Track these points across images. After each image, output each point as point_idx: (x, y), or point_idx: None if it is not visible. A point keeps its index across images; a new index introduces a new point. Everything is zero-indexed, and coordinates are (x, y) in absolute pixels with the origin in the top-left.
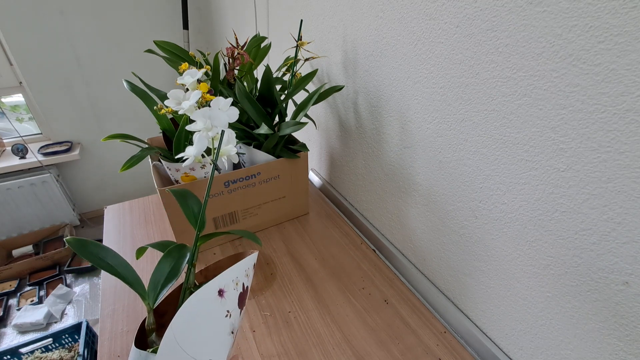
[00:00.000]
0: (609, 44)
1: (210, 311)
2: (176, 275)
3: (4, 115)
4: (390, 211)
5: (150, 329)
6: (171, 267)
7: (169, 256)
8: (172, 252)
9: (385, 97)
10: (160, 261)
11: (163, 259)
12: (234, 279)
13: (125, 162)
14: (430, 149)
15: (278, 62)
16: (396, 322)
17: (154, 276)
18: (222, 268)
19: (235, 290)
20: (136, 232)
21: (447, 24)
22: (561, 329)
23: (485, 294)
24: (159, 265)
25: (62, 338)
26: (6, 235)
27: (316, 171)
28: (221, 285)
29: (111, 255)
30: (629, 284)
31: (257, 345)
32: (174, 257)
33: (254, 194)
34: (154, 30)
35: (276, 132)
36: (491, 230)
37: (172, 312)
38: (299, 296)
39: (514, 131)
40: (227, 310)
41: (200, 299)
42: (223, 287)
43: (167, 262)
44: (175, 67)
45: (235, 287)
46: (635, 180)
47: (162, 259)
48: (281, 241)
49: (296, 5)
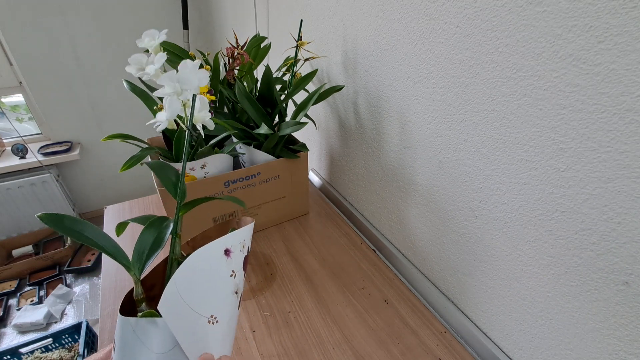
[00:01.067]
0: (609, 44)
1: (215, 268)
2: (160, 244)
3: (4, 115)
4: (390, 211)
5: (139, 299)
6: (154, 238)
7: (151, 227)
8: (154, 223)
9: (385, 97)
10: (142, 232)
11: (145, 230)
12: (241, 241)
13: (125, 162)
14: (430, 149)
15: (278, 62)
16: (396, 322)
17: (138, 246)
18: (211, 237)
19: (242, 252)
20: (136, 232)
21: (447, 24)
22: (561, 329)
23: (485, 294)
24: (141, 236)
25: (62, 338)
26: (6, 235)
27: (316, 171)
28: (228, 245)
29: (89, 228)
30: (629, 284)
31: (257, 345)
32: (157, 227)
33: (254, 194)
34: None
35: (276, 132)
36: (491, 230)
37: (160, 285)
38: (299, 296)
39: (514, 131)
40: (232, 270)
41: (206, 256)
42: (230, 247)
43: (149, 233)
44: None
45: (241, 250)
46: (635, 180)
47: (144, 231)
48: (281, 241)
49: (296, 5)
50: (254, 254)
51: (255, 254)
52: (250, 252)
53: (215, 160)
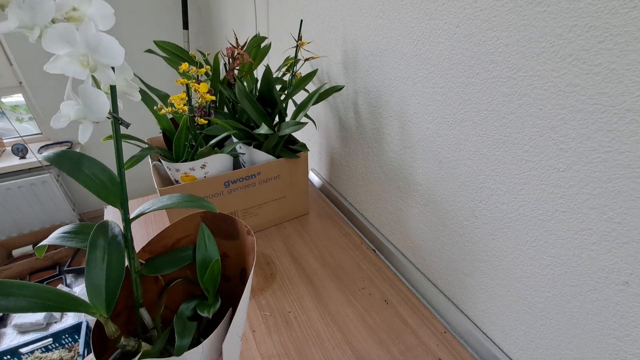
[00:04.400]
0: (609, 44)
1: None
2: (121, 267)
3: (4, 115)
4: (390, 211)
5: (116, 337)
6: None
7: (95, 248)
8: (96, 242)
9: (385, 97)
10: (88, 258)
11: (90, 254)
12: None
13: (125, 162)
14: (430, 149)
15: (278, 62)
16: (396, 322)
17: (90, 281)
18: (170, 237)
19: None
20: (136, 232)
21: (447, 24)
22: (561, 329)
23: (485, 293)
24: (89, 265)
25: (62, 338)
26: (6, 235)
27: (316, 171)
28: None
29: None
30: (629, 284)
31: (257, 345)
32: (103, 246)
33: (254, 194)
34: (154, 30)
35: (276, 132)
36: (491, 230)
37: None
38: (299, 296)
39: (514, 131)
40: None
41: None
42: None
43: (97, 257)
44: (175, 67)
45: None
46: (635, 180)
47: (89, 256)
48: (281, 241)
49: (296, 5)
50: None
51: (256, 253)
52: None
53: (215, 160)
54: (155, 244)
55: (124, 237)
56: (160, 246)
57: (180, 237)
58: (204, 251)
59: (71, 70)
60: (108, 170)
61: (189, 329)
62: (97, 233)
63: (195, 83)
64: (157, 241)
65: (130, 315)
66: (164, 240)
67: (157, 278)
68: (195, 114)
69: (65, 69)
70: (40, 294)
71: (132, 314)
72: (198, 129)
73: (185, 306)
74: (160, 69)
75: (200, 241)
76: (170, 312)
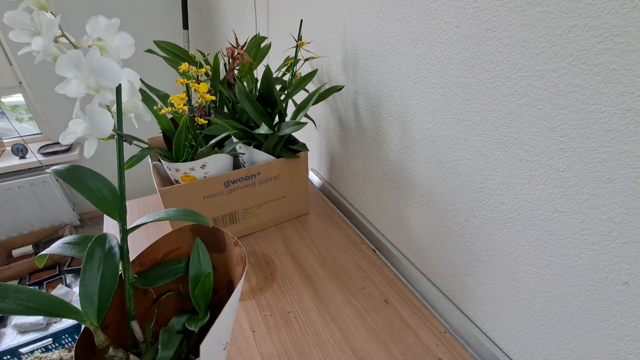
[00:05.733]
0: (609, 44)
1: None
2: (114, 278)
3: (4, 115)
4: (390, 211)
5: (104, 347)
6: (102, 271)
7: (92, 258)
8: (93, 251)
9: (385, 97)
10: (84, 267)
11: (86, 264)
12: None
13: (125, 162)
14: (430, 149)
15: (278, 62)
16: (396, 322)
17: (84, 289)
18: (159, 251)
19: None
20: (136, 232)
21: (447, 24)
22: (561, 329)
23: (485, 294)
24: (84, 275)
25: (62, 338)
26: (6, 235)
27: (316, 171)
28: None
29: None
30: (629, 284)
31: (257, 345)
32: (100, 257)
33: (254, 194)
34: (154, 30)
35: (276, 132)
36: (491, 230)
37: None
38: (299, 296)
39: (514, 131)
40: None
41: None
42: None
43: (93, 267)
44: (175, 67)
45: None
46: (635, 180)
47: (85, 265)
48: (281, 241)
49: (296, 5)
50: (254, 253)
51: (255, 254)
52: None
53: (215, 160)
54: (145, 257)
55: (120, 248)
56: (150, 259)
57: (169, 250)
58: (197, 266)
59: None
60: (110, 184)
61: (173, 341)
62: (95, 244)
63: (195, 83)
64: (147, 254)
65: (119, 329)
66: (153, 254)
67: (148, 291)
68: (195, 114)
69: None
70: (34, 299)
71: (121, 328)
72: (198, 129)
73: (176, 320)
74: (160, 69)
75: (195, 256)
76: (160, 326)
